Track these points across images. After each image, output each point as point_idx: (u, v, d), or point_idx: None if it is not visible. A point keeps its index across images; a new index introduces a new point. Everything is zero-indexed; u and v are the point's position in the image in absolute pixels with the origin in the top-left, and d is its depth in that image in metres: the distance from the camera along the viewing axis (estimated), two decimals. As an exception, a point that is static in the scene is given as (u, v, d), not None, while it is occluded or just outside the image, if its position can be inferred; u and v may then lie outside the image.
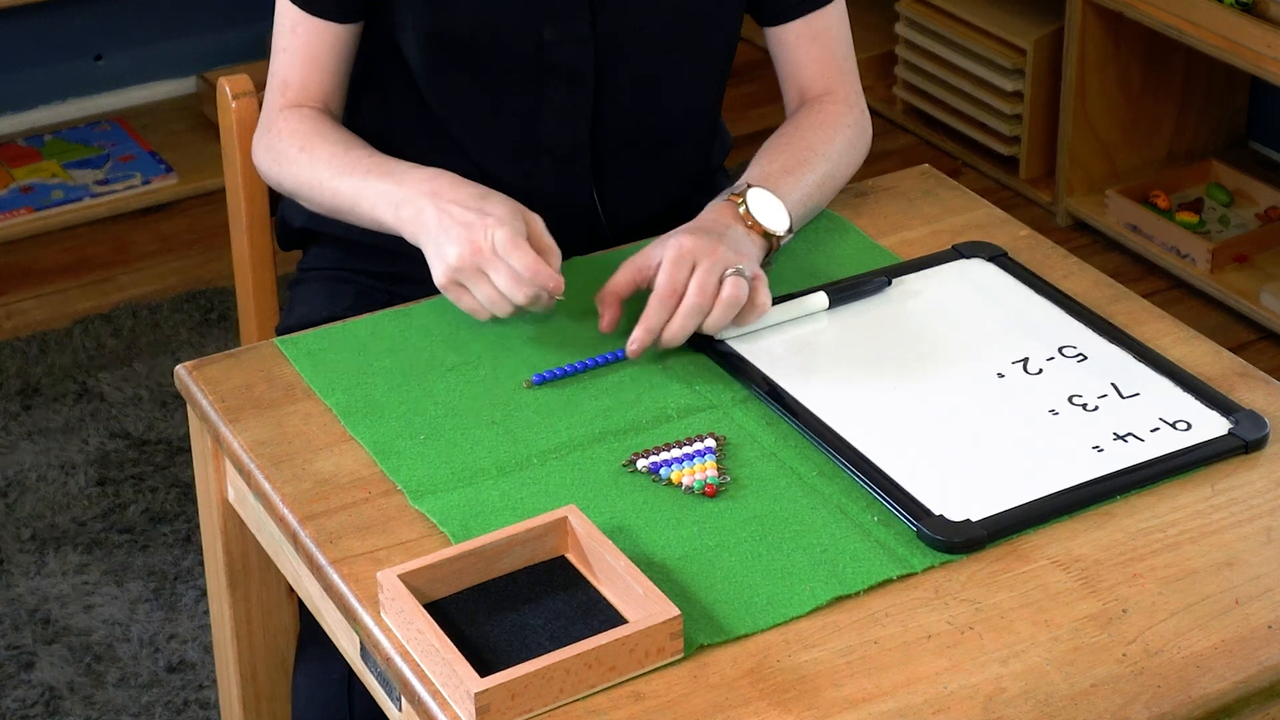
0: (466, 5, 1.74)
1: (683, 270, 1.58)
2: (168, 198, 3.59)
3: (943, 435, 1.52)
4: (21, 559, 2.69)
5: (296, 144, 1.76)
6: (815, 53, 1.86)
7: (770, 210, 1.69)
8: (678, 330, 1.59)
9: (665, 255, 1.59)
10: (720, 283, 1.58)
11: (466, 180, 1.65)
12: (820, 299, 1.68)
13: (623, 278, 1.62)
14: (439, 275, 1.60)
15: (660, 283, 1.59)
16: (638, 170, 1.86)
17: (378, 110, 1.86)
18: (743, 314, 1.61)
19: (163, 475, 2.85)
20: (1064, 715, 1.27)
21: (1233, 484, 1.49)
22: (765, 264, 1.70)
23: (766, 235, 1.68)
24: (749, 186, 1.70)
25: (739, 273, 1.58)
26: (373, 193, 1.68)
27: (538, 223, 1.62)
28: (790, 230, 1.70)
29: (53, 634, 2.55)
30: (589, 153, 1.82)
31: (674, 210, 1.86)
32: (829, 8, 1.85)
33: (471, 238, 1.58)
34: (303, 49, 1.79)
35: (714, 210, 1.69)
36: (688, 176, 1.92)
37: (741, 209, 1.68)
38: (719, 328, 1.60)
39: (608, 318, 1.62)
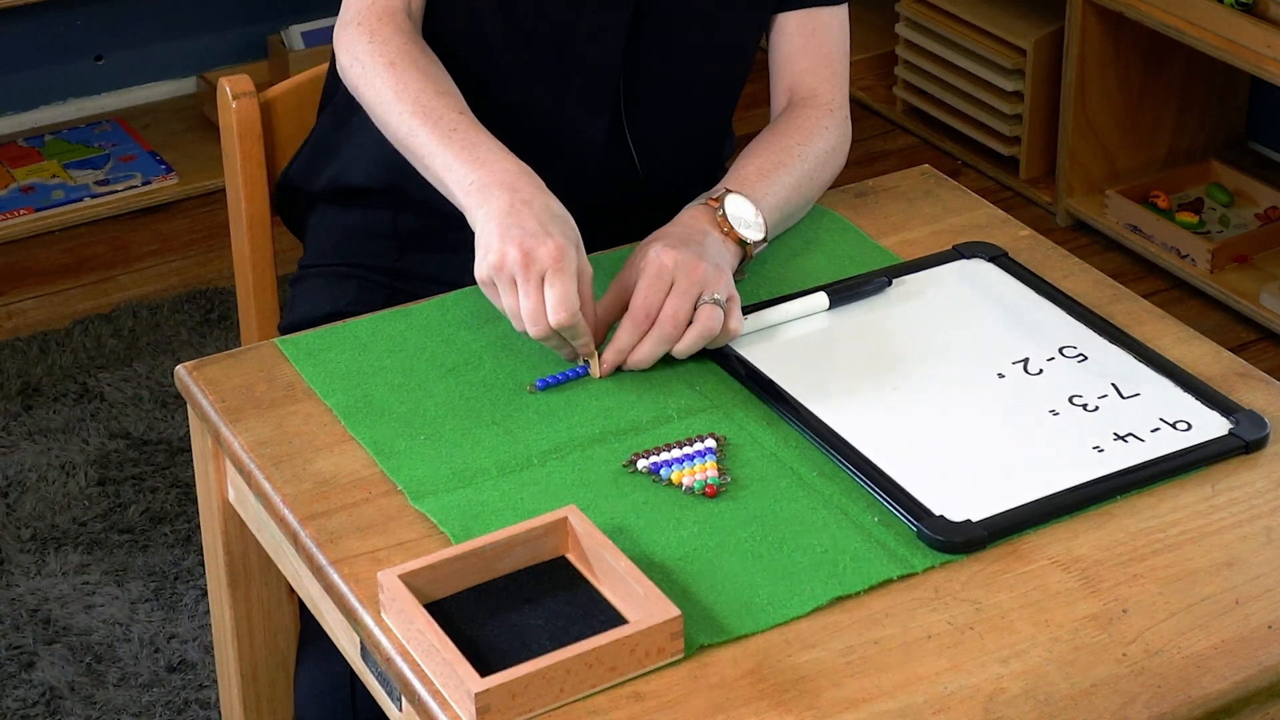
0: None
1: (658, 292, 1.58)
2: (168, 198, 3.59)
3: (943, 435, 1.52)
4: (22, 559, 2.69)
5: (386, 58, 1.72)
6: (811, 48, 1.86)
7: (746, 218, 1.68)
8: (645, 355, 1.58)
9: (644, 271, 1.59)
10: (694, 308, 1.58)
11: (547, 190, 1.63)
12: (820, 299, 1.68)
13: (607, 305, 1.61)
14: (481, 269, 1.57)
15: (634, 303, 1.58)
16: (664, 114, 1.86)
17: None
18: (716, 337, 1.60)
19: (163, 475, 2.85)
20: (1064, 715, 1.27)
21: (1233, 484, 1.49)
22: (739, 273, 1.70)
23: (741, 243, 1.68)
24: (727, 192, 1.69)
25: (715, 301, 1.58)
26: (450, 157, 1.65)
27: (587, 273, 1.58)
28: (765, 239, 1.70)
29: (53, 634, 2.55)
30: (619, 78, 1.81)
31: (681, 184, 1.86)
32: (833, 8, 1.86)
33: (525, 246, 1.55)
34: None
35: (691, 214, 1.68)
36: (701, 149, 1.92)
37: (719, 214, 1.68)
38: (687, 354, 1.59)
39: (604, 366, 1.61)
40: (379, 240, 1.89)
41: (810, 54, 1.86)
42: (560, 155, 1.81)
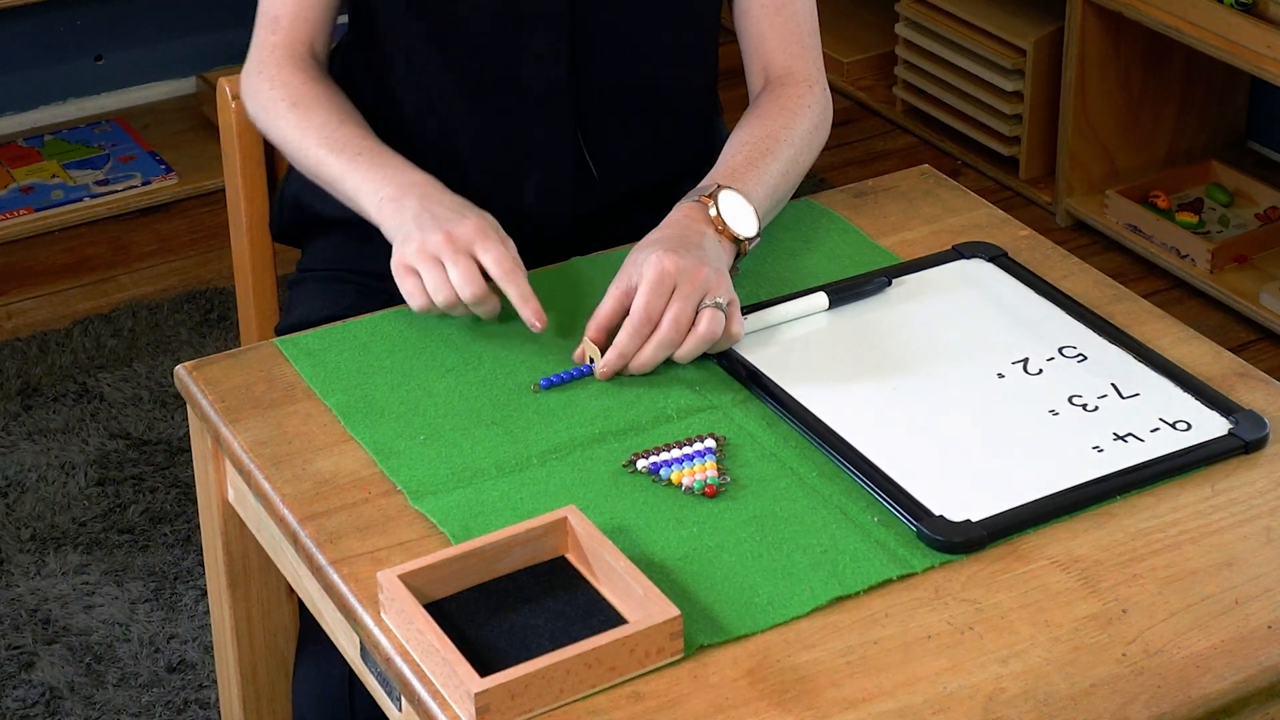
0: None
1: (660, 297, 1.58)
2: (168, 198, 3.59)
3: (943, 435, 1.52)
4: (21, 559, 2.69)
5: (288, 99, 1.77)
6: (777, 26, 1.86)
7: (740, 214, 1.68)
8: (647, 359, 1.58)
9: (645, 277, 1.59)
10: (697, 313, 1.58)
11: (456, 194, 1.68)
12: (820, 299, 1.68)
13: (608, 309, 1.61)
14: (403, 254, 1.61)
15: (636, 309, 1.58)
16: (625, 123, 1.85)
17: (360, 66, 1.86)
18: (719, 341, 1.60)
19: (163, 475, 2.85)
20: (1064, 715, 1.27)
21: (1233, 484, 1.49)
22: (733, 269, 1.69)
23: (735, 240, 1.68)
24: (719, 188, 1.69)
25: (717, 305, 1.58)
26: (359, 178, 1.70)
27: (511, 245, 1.64)
28: (758, 235, 1.70)
29: (53, 634, 2.55)
30: (568, 95, 1.81)
31: (669, 184, 1.85)
32: None
33: (445, 228, 1.60)
34: None
35: (684, 212, 1.68)
36: (682, 147, 1.91)
37: (713, 211, 1.68)
38: (689, 359, 1.59)
39: (582, 351, 1.61)
40: (374, 246, 1.89)
41: (778, 32, 1.86)
42: (530, 179, 1.82)
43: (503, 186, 1.83)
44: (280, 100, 1.77)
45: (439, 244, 1.60)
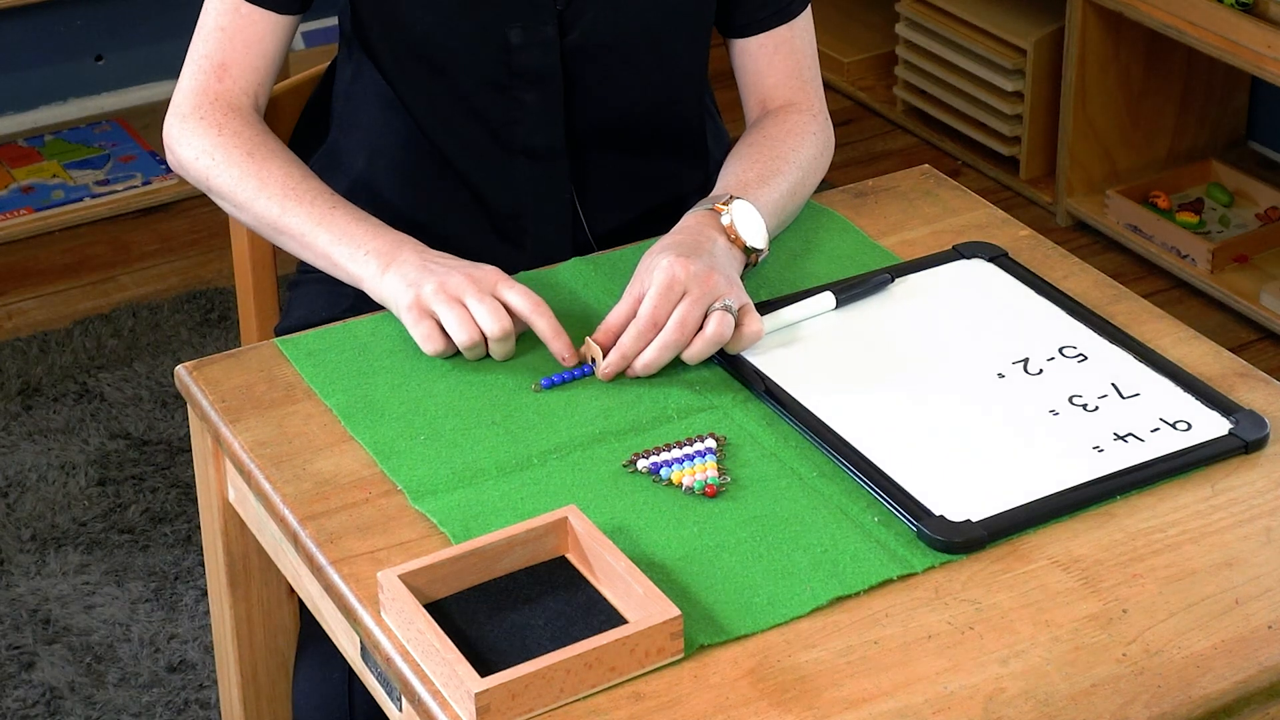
0: (429, 9, 1.74)
1: (669, 303, 1.57)
2: (168, 198, 3.59)
3: (943, 435, 1.52)
4: (22, 559, 2.69)
5: (243, 148, 1.74)
6: (779, 63, 1.85)
7: (752, 225, 1.68)
8: (651, 361, 1.58)
9: (655, 281, 1.58)
10: (706, 315, 1.58)
11: None
12: (828, 299, 1.68)
13: (620, 314, 1.61)
14: (408, 297, 1.59)
15: (642, 312, 1.58)
16: (620, 173, 1.86)
17: (361, 118, 1.86)
18: (736, 342, 1.60)
19: (163, 475, 2.85)
20: (1064, 715, 1.27)
21: (1233, 484, 1.49)
22: (740, 279, 1.69)
23: (746, 250, 1.68)
24: (732, 197, 1.69)
25: (726, 308, 1.58)
26: (338, 230, 1.67)
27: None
28: (766, 248, 1.69)
29: (53, 634, 2.55)
30: (565, 153, 1.82)
31: (663, 212, 1.86)
32: (794, 21, 1.85)
33: (464, 272, 1.60)
34: (245, 30, 1.77)
35: (696, 219, 1.68)
36: (677, 184, 1.91)
37: (726, 220, 1.67)
38: (697, 360, 1.59)
39: (584, 350, 1.61)
40: None
41: (777, 70, 1.85)
42: (529, 236, 1.83)
43: (504, 247, 1.83)
44: (235, 148, 1.74)
45: (461, 285, 1.59)
